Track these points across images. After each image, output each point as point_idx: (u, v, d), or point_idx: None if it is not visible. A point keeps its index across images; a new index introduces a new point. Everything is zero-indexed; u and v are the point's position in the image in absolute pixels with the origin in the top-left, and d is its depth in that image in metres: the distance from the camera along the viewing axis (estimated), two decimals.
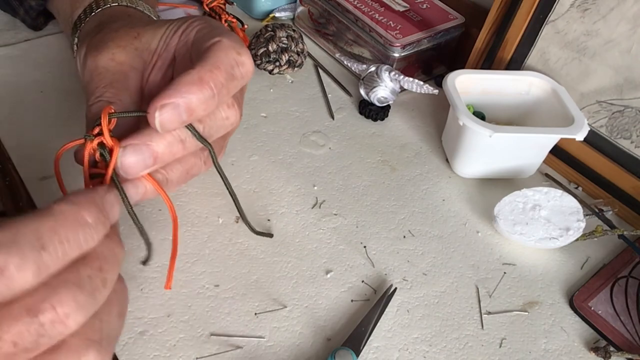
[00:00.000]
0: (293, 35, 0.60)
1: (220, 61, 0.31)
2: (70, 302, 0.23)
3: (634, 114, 0.49)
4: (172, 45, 0.36)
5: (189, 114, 0.30)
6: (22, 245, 0.22)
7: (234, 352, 0.37)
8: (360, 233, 0.46)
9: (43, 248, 0.23)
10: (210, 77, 0.30)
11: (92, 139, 0.30)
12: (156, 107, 0.29)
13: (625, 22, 0.48)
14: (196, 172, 0.35)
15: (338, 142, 0.54)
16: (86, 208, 0.26)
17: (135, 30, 0.36)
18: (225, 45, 0.32)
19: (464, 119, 0.47)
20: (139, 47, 0.35)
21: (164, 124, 0.29)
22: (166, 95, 0.29)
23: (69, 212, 0.25)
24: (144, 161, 0.30)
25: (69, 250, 0.24)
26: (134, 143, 0.30)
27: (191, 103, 0.30)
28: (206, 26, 0.35)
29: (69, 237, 0.24)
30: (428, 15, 0.62)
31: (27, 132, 0.48)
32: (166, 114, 0.29)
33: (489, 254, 0.47)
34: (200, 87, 0.30)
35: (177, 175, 0.34)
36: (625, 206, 0.51)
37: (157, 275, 0.40)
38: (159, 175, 0.33)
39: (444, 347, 0.40)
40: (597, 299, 0.44)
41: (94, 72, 0.34)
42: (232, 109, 0.34)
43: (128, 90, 0.34)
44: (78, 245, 0.25)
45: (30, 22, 0.56)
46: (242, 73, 0.33)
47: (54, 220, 0.24)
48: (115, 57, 0.35)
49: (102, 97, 0.33)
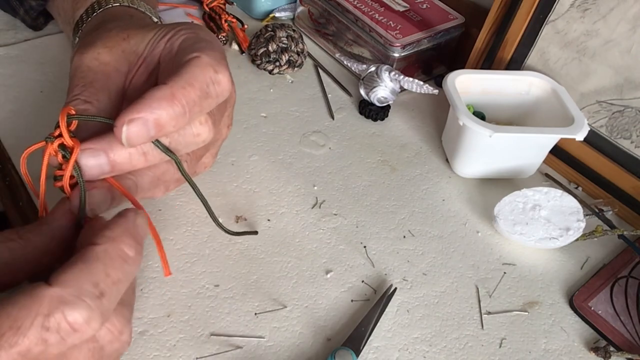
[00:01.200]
0: (293, 35, 0.60)
1: (194, 78, 0.31)
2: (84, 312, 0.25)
3: (634, 114, 0.49)
4: (158, 51, 0.35)
5: (157, 130, 0.29)
6: (86, 298, 0.24)
7: (234, 352, 0.37)
8: (360, 233, 0.46)
9: (102, 295, 0.25)
10: (183, 94, 0.30)
11: (52, 140, 0.30)
12: (124, 121, 0.29)
13: (625, 22, 0.48)
14: (169, 178, 0.35)
15: (338, 142, 0.54)
16: (126, 243, 0.27)
17: (126, 32, 0.36)
18: (203, 62, 0.31)
19: (464, 119, 0.47)
20: (126, 49, 0.35)
21: (130, 138, 0.29)
22: (135, 110, 0.29)
23: (113, 252, 0.26)
24: (100, 167, 0.30)
25: (122, 287, 0.26)
26: (92, 148, 0.30)
27: (160, 119, 0.29)
28: (192, 36, 0.34)
29: (120, 277, 0.26)
30: (428, 15, 0.62)
31: (27, 132, 0.48)
32: (134, 129, 0.29)
33: (489, 254, 0.47)
34: (170, 103, 0.29)
35: (148, 181, 0.34)
36: (625, 206, 0.51)
37: (157, 276, 0.40)
38: (127, 180, 0.32)
39: (444, 347, 0.40)
40: (597, 299, 0.44)
41: (77, 70, 0.34)
42: (204, 126, 0.33)
43: (107, 91, 0.34)
44: (127, 280, 0.27)
45: (30, 22, 0.56)
46: (217, 92, 0.32)
47: (102, 264, 0.26)
48: (100, 57, 0.34)
49: (80, 95, 0.33)
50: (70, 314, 0.24)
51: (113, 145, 0.30)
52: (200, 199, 0.36)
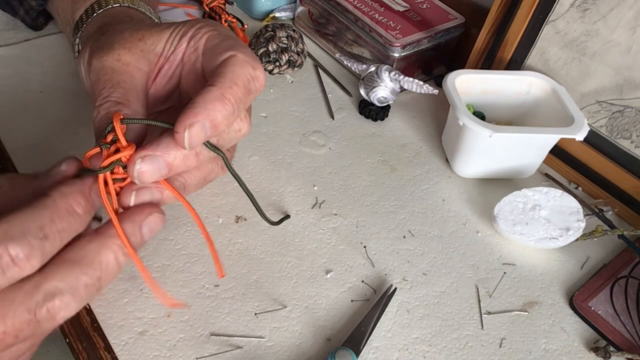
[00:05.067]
0: (293, 35, 0.60)
1: (237, 77, 0.32)
2: (61, 304, 0.27)
3: (634, 114, 0.49)
4: (181, 50, 0.36)
5: (213, 131, 0.30)
6: (30, 237, 0.26)
7: (234, 352, 0.37)
8: (360, 233, 0.46)
9: (46, 238, 0.26)
10: (231, 94, 0.31)
11: (108, 147, 0.30)
12: (185, 125, 0.29)
13: (625, 22, 0.48)
14: (213, 177, 0.36)
15: (338, 142, 0.54)
16: (76, 200, 0.29)
17: (140, 33, 0.36)
18: (241, 60, 0.32)
19: (464, 119, 0.47)
20: (144, 49, 0.35)
21: (192, 142, 0.30)
22: (193, 114, 0.30)
23: (61, 204, 0.28)
24: (159, 171, 0.31)
25: (65, 237, 0.28)
26: (150, 154, 0.30)
27: (216, 120, 0.30)
28: (216, 34, 0.35)
29: (64, 227, 0.28)
30: (428, 15, 0.62)
31: (27, 132, 0.48)
32: (194, 132, 0.30)
33: (489, 254, 0.47)
34: (223, 104, 0.30)
35: (196, 182, 0.35)
36: (625, 206, 0.51)
37: (157, 276, 0.40)
38: (176, 182, 0.33)
39: (444, 347, 0.40)
40: (597, 299, 0.44)
41: (101, 72, 0.34)
42: (244, 121, 0.35)
43: (135, 90, 0.34)
44: (71, 233, 0.28)
45: (30, 22, 0.56)
46: (256, 87, 0.33)
47: (50, 212, 0.27)
48: (122, 57, 0.35)
49: (110, 97, 0.33)
50: (13, 247, 0.25)
51: (169, 149, 0.30)
52: (245, 192, 0.37)
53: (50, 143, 0.48)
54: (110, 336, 0.37)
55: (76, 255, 0.28)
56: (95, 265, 0.28)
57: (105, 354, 0.36)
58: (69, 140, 0.48)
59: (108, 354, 0.36)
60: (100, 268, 0.28)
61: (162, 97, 0.37)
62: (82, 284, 0.28)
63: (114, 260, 0.29)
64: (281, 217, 0.45)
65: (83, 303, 0.28)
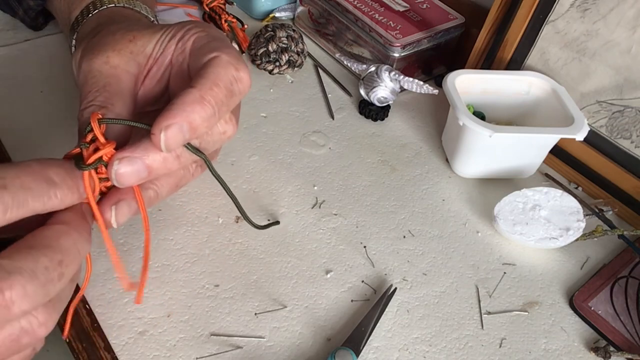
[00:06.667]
0: (293, 35, 0.60)
1: (219, 78, 0.31)
2: (20, 289, 0.24)
3: (634, 114, 0.49)
4: (169, 52, 0.36)
5: (191, 133, 0.30)
6: None
7: (234, 352, 0.37)
8: (360, 233, 0.46)
9: (5, 187, 0.25)
10: (211, 95, 0.30)
11: (87, 146, 0.30)
12: (161, 127, 0.29)
13: (625, 22, 0.48)
14: (184, 183, 0.36)
15: (338, 142, 0.54)
16: (54, 169, 0.27)
17: (132, 34, 0.36)
18: (224, 61, 0.32)
19: (464, 119, 0.47)
20: (134, 51, 0.35)
21: (169, 144, 0.29)
22: (170, 116, 0.29)
23: (36, 167, 0.27)
24: (138, 173, 0.30)
25: (31, 199, 0.26)
26: (129, 155, 0.30)
27: (194, 122, 0.30)
28: (204, 35, 0.35)
29: (32, 186, 0.26)
30: (428, 15, 0.62)
31: (27, 132, 0.48)
32: (170, 134, 0.29)
33: (489, 254, 0.47)
34: (202, 106, 0.30)
35: (168, 189, 0.34)
36: (625, 206, 0.51)
37: (157, 275, 0.40)
38: (150, 191, 0.33)
39: (444, 347, 0.40)
40: (597, 299, 0.44)
41: (88, 75, 0.34)
42: (229, 124, 0.34)
43: (121, 94, 0.34)
44: (40, 198, 0.26)
45: (30, 22, 0.56)
46: (240, 89, 0.33)
47: (18, 168, 0.26)
48: (110, 60, 0.34)
49: (94, 101, 0.33)
50: None
51: (148, 151, 0.30)
52: (229, 195, 0.37)
53: (50, 143, 0.48)
54: (110, 336, 0.37)
55: (35, 240, 0.26)
56: (55, 247, 0.27)
57: (105, 354, 0.36)
58: (69, 141, 0.48)
59: (108, 354, 0.36)
60: (61, 251, 0.27)
61: (152, 98, 0.37)
62: (42, 266, 0.25)
63: (72, 243, 0.28)
64: (270, 221, 0.45)
65: (45, 290, 0.26)
